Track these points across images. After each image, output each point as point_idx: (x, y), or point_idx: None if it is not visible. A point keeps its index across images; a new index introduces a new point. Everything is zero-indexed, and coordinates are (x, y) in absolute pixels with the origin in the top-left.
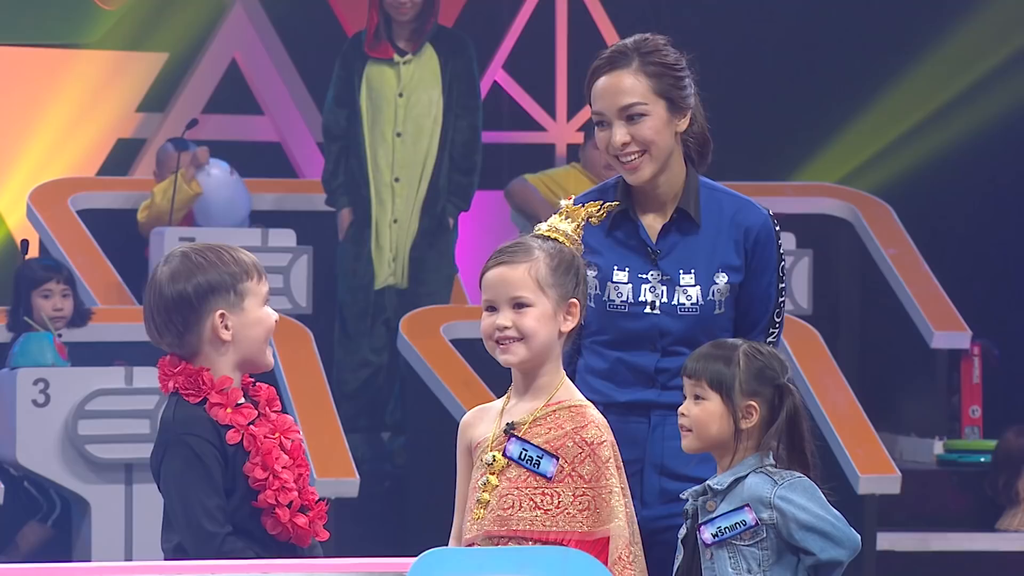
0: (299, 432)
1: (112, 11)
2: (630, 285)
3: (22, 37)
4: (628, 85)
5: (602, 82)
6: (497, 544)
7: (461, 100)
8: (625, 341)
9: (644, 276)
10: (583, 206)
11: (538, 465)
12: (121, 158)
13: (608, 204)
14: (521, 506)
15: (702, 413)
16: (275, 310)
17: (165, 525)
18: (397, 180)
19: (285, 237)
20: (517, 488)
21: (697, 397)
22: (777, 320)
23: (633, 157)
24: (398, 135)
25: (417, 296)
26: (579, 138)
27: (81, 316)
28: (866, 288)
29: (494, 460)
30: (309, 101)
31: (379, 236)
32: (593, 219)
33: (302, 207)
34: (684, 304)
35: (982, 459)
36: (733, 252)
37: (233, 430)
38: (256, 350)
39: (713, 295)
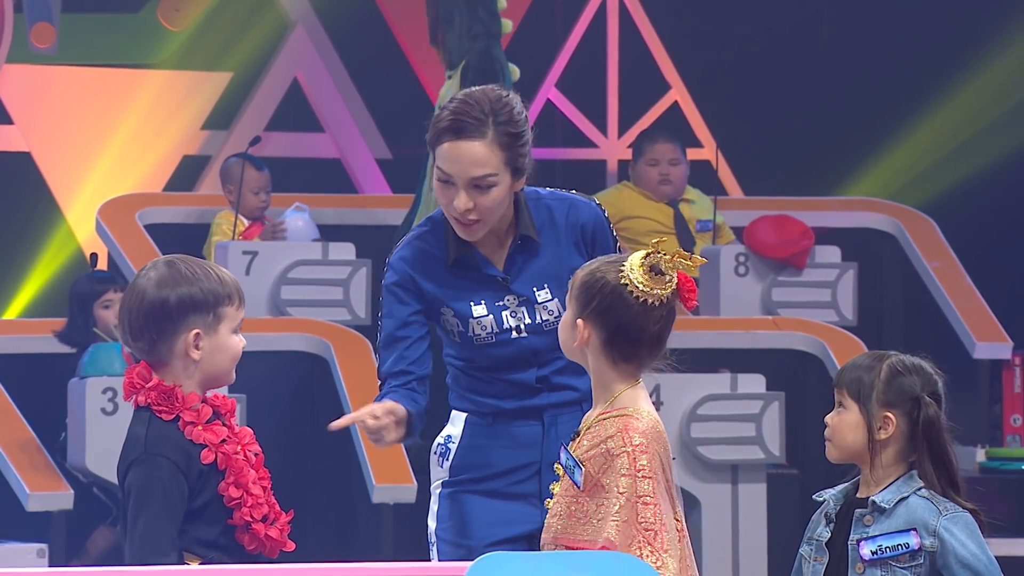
0: (257, 444)
1: (178, 32)
2: (491, 316)
3: (92, 58)
4: (482, 156)
5: (450, 148)
6: (556, 549)
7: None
8: (500, 367)
9: (501, 303)
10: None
11: (573, 474)
12: (187, 174)
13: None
14: (561, 514)
15: (839, 422)
16: (335, 321)
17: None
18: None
19: (345, 250)
20: (564, 496)
21: (839, 405)
22: None
23: (471, 221)
24: None
25: None
26: (630, 155)
27: None
28: (909, 300)
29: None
30: (368, 119)
31: None
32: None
33: (361, 221)
34: (548, 320)
35: (1023, 466)
36: (576, 254)
37: (207, 450)
38: (220, 372)
39: None
